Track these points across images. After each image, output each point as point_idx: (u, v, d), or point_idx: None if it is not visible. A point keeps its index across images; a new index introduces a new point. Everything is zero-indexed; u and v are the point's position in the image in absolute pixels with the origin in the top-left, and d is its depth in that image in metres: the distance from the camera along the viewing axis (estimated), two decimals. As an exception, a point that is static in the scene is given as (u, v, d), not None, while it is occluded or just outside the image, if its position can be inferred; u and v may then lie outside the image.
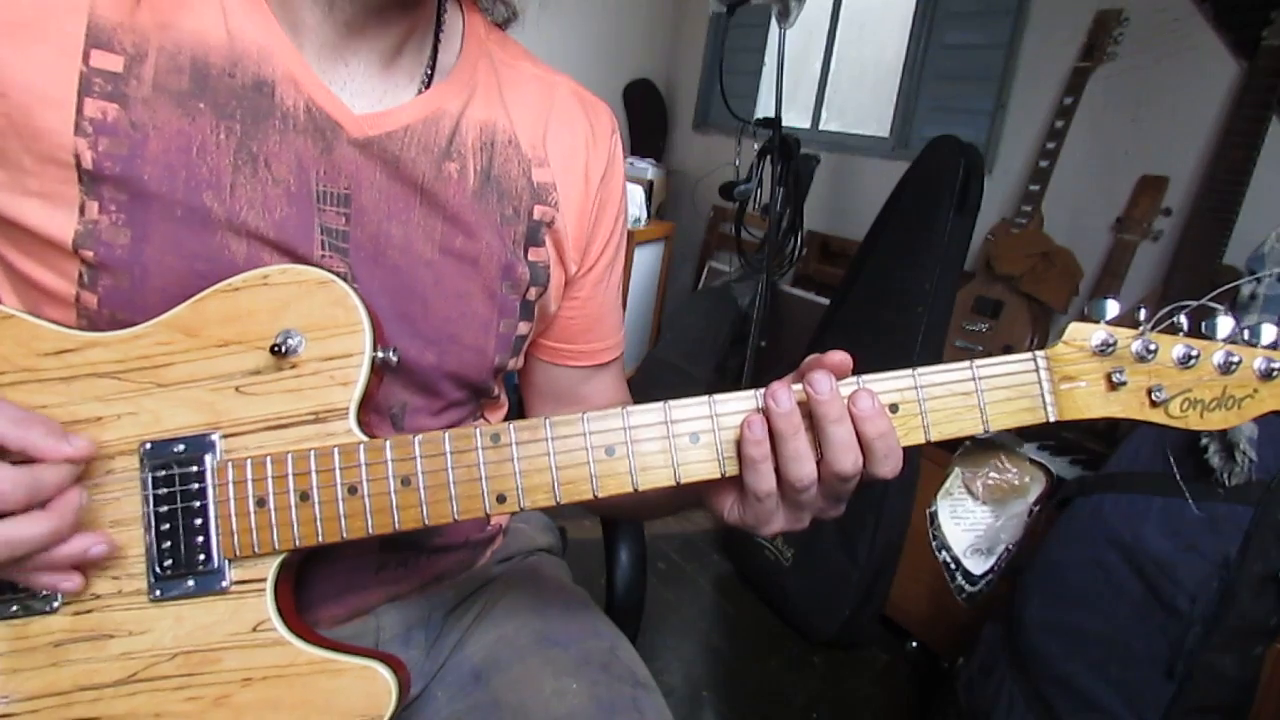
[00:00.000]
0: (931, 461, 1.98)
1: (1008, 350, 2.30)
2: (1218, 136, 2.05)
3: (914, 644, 2.08)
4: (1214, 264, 1.92)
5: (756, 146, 2.69)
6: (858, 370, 0.55)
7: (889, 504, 1.95)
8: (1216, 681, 1.27)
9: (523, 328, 0.72)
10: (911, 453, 0.56)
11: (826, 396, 0.52)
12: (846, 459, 0.53)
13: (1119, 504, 1.43)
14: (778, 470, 0.54)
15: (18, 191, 0.55)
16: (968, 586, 1.88)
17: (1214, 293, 0.56)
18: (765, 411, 0.54)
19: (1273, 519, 1.26)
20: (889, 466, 0.53)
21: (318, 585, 0.68)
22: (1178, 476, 1.34)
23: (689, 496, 0.61)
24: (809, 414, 0.53)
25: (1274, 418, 0.54)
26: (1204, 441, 1.31)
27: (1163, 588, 1.32)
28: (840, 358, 0.54)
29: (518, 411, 0.88)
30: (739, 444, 0.54)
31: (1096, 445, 1.89)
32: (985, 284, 2.37)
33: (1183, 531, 1.32)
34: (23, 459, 0.51)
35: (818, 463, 0.54)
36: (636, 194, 3.18)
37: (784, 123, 2.59)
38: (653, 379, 3.07)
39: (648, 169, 3.51)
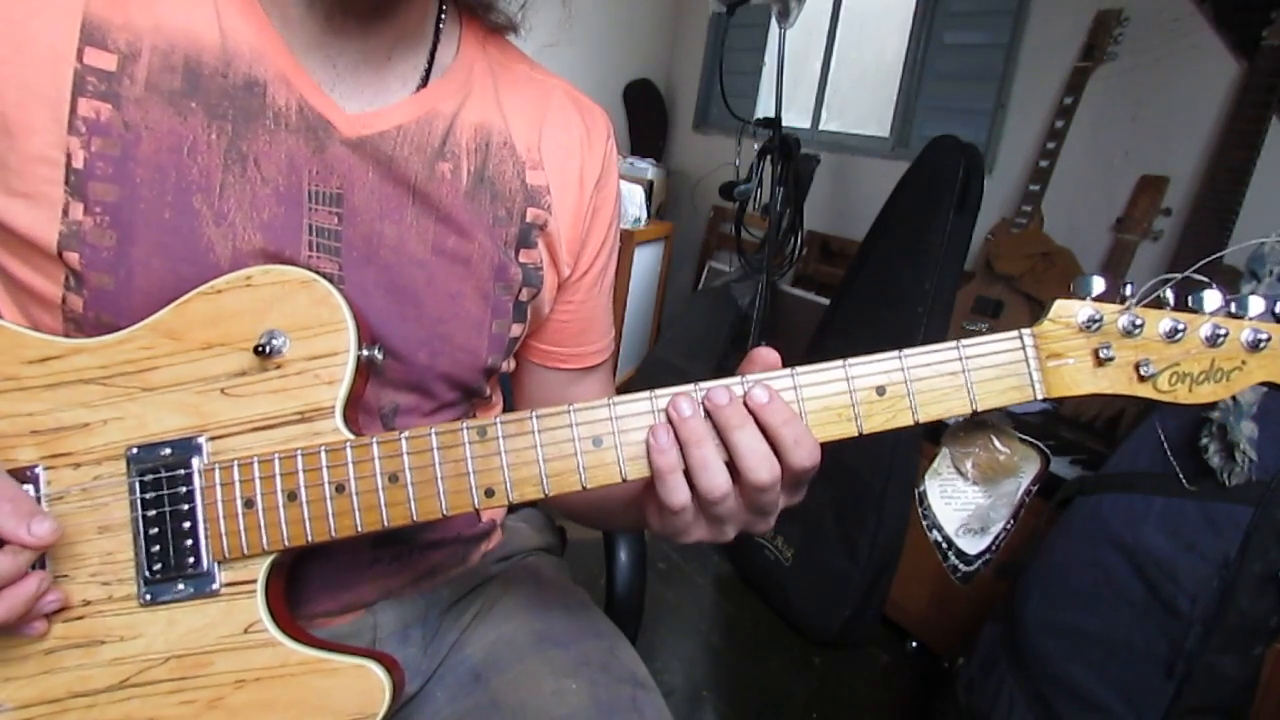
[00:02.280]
0: (930, 460, 1.97)
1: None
2: (1218, 136, 2.04)
3: (914, 644, 2.08)
4: (1214, 264, 1.91)
5: (756, 146, 2.69)
6: None
7: (889, 504, 1.95)
8: (1216, 681, 1.27)
9: (515, 329, 0.72)
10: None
11: (722, 402, 0.52)
12: (761, 468, 0.52)
13: (1119, 504, 1.43)
14: (690, 482, 0.53)
15: (4, 190, 0.55)
16: (962, 566, 1.87)
17: (1200, 263, 0.56)
18: (670, 420, 0.53)
19: (1273, 519, 1.26)
20: (801, 454, 0.52)
21: (311, 581, 0.68)
22: (1174, 464, 1.33)
23: (638, 515, 0.61)
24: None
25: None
26: (1204, 441, 1.31)
27: (1163, 588, 1.31)
28: (766, 356, 0.55)
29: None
30: (647, 454, 0.54)
31: (1096, 445, 1.88)
32: (985, 284, 2.37)
33: (1183, 531, 1.32)
34: None
35: (736, 475, 0.53)
36: (636, 194, 3.18)
37: (784, 123, 2.59)
38: (653, 379, 3.06)
39: (648, 169, 3.51)
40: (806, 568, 2.09)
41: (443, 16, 0.68)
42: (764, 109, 3.32)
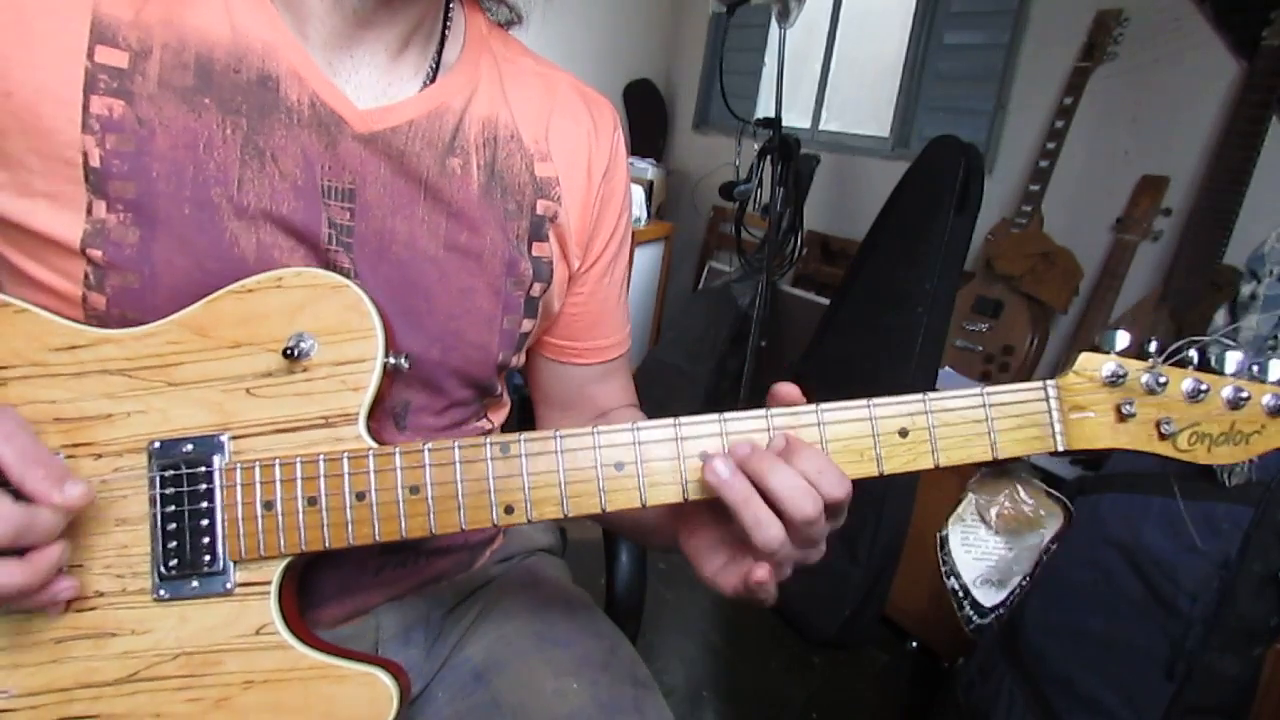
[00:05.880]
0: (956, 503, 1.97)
1: (1008, 350, 2.30)
2: (1218, 136, 2.05)
3: (914, 644, 2.08)
4: (1214, 264, 1.92)
5: (756, 146, 2.69)
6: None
7: (889, 505, 1.95)
8: (1216, 681, 1.27)
9: (526, 324, 0.72)
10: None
11: (746, 455, 0.53)
12: (805, 502, 0.52)
13: (1119, 504, 1.43)
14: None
15: (24, 192, 0.55)
16: (976, 618, 1.86)
17: (1227, 329, 0.57)
18: (711, 485, 0.54)
19: (1273, 519, 1.26)
20: (827, 483, 0.53)
21: (318, 586, 0.68)
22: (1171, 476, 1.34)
23: (672, 543, 0.63)
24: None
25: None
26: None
27: (1163, 588, 1.32)
28: (786, 390, 0.56)
29: (520, 411, 0.88)
30: (730, 508, 0.54)
31: (1097, 445, 1.88)
32: (985, 284, 2.37)
33: (1183, 531, 1.32)
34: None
35: (782, 515, 0.53)
36: (636, 194, 3.18)
37: (784, 123, 2.59)
38: (653, 379, 3.06)
39: (648, 169, 3.51)
40: (806, 568, 2.08)
41: (450, 9, 0.68)
42: (764, 109, 3.32)
